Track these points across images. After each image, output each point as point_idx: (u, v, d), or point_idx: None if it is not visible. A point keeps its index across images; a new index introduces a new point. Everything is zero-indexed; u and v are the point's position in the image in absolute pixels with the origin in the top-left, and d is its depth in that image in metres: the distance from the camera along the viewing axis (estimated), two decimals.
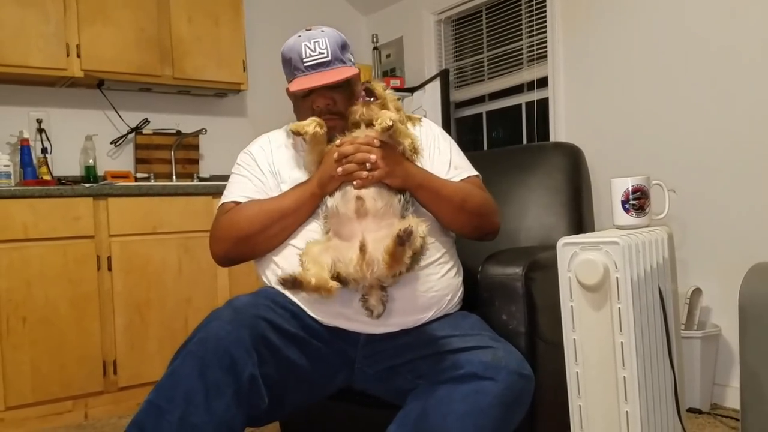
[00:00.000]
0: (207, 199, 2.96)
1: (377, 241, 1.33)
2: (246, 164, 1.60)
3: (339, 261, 1.34)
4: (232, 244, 1.51)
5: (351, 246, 1.34)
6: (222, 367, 1.25)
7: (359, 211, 1.38)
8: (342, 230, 1.40)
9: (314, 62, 1.49)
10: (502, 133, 3.54)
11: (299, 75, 1.50)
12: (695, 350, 2.31)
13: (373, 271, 1.32)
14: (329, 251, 1.36)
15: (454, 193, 1.51)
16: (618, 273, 1.40)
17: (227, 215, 1.53)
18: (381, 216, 1.38)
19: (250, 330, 1.31)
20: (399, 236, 1.26)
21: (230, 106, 3.71)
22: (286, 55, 1.54)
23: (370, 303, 1.39)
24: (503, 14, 3.36)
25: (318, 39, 1.50)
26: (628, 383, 1.40)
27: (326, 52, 1.49)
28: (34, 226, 2.59)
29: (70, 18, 2.96)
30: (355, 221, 1.38)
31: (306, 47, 1.49)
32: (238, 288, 2.93)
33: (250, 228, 1.47)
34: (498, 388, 1.29)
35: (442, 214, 1.52)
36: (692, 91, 2.48)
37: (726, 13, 2.36)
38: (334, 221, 1.41)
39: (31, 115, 3.14)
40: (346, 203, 1.39)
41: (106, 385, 2.73)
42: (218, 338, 1.27)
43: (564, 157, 2.14)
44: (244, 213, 1.50)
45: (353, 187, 1.39)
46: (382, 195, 1.39)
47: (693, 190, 2.43)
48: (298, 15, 3.66)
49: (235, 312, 1.34)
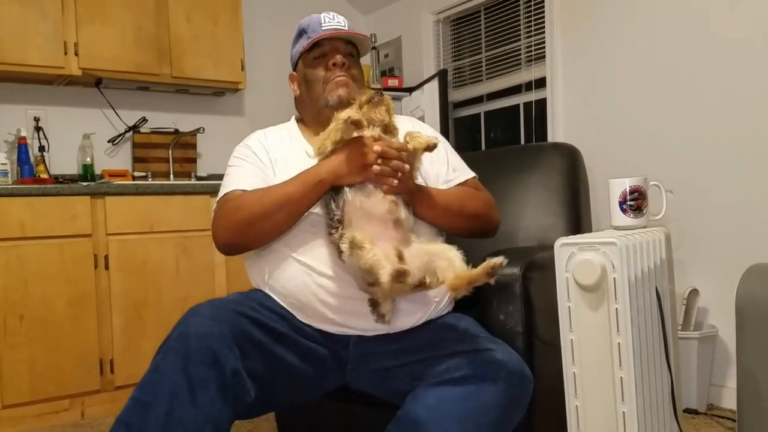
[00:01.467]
0: (205, 198, 2.96)
1: (413, 255, 1.31)
2: (244, 156, 1.58)
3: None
4: (238, 230, 1.45)
5: (384, 247, 1.30)
6: (204, 362, 1.25)
7: (392, 212, 1.35)
8: (366, 227, 1.33)
9: (332, 26, 1.56)
10: (500, 133, 3.54)
11: (315, 35, 1.55)
12: (692, 351, 2.31)
13: (411, 280, 1.29)
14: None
15: (450, 202, 1.51)
16: (615, 273, 1.40)
17: (231, 202, 1.49)
18: (402, 225, 1.36)
19: (231, 325, 1.30)
20: (493, 268, 1.23)
21: (228, 105, 3.70)
22: (303, 25, 1.60)
23: (383, 309, 1.37)
24: (502, 14, 3.36)
25: (337, 14, 1.60)
26: (625, 383, 1.40)
27: (344, 23, 1.58)
28: (32, 224, 2.59)
29: (68, 16, 2.95)
30: (382, 224, 1.34)
31: (325, 16, 1.58)
32: (235, 287, 2.93)
33: (255, 214, 1.42)
34: (497, 390, 1.29)
35: (439, 222, 1.52)
36: (690, 92, 2.48)
37: (726, 12, 2.37)
38: (357, 216, 1.34)
39: (29, 113, 3.14)
40: (374, 202, 1.34)
41: (103, 384, 2.73)
42: (199, 334, 1.27)
43: (562, 157, 2.15)
44: (248, 198, 1.46)
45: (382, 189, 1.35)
46: (399, 204, 1.37)
47: (690, 191, 2.44)
48: (297, 14, 3.62)
49: (215, 308, 1.34)
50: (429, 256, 1.34)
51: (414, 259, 1.31)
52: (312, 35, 1.55)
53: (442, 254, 1.34)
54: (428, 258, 1.33)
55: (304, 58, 1.59)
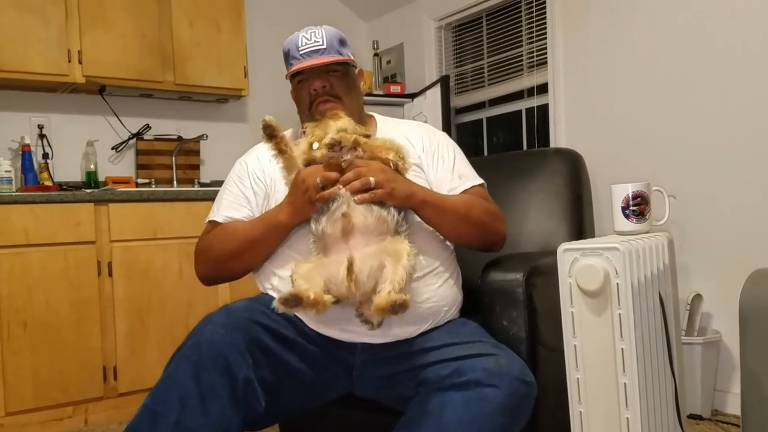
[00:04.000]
0: (207, 205, 2.90)
1: (365, 258, 1.31)
2: (238, 178, 1.62)
3: (330, 281, 1.32)
4: (209, 267, 1.57)
5: (338, 263, 1.32)
6: (217, 370, 1.25)
7: (345, 229, 1.35)
8: (330, 250, 1.37)
9: (309, 50, 1.53)
10: (503, 138, 3.55)
11: (295, 62, 1.54)
12: (696, 356, 2.30)
13: (361, 290, 1.31)
14: (318, 270, 1.34)
15: (457, 208, 1.50)
16: (618, 279, 1.40)
17: (206, 238, 1.59)
18: (370, 232, 1.35)
19: (244, 333, 1.31)
20: (392, 306, 1.24)
21: (231, 111, 3.72)
22: (285, 48, 1.58)
23: (366, 315, 1.36)
24: (503, 21, 3.37)
25: (315, 30, 1.56)
26: (628, 389, 1.40)
27: (322, 41, 1.54)
28: (35, 231, 2.60)
29: (71, 24, 2.97)
30: (341, 240, 1.35)
31: (303, 37, 1.55)
32: (239, 293, 2.91)
33: (225, 254, 1.53)
34: (501, 395, 1.29)
35: (445, 229, 1.51)
36: (692, 97, 2.49)
37: (727, 17, 2.37)
38: (322, 243, 1.37)
39: (33, 120, 3.15)
40: (332, 224, 1.35)
41: (106, 391, 2.73)
42: (212, 342, 1.28)
43: (564, 162, 2.15)
44: (219, 238, 1.54)
45: (354, 201, 1.35)
46: (372, 210, 1.35)
47: (693, 195, 2.44)
48: (300, 21, 3.62)
49: (229, 316, 1.35)
50: (383, 257, 1.32)
51: (365, 264, 1.31)
52: (292, 61, 1.56)
53: (392, 250, 1.33)
54: (380, 259, 1.32)
55: (291, 80, 1.61)
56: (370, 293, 1.31)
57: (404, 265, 1.29)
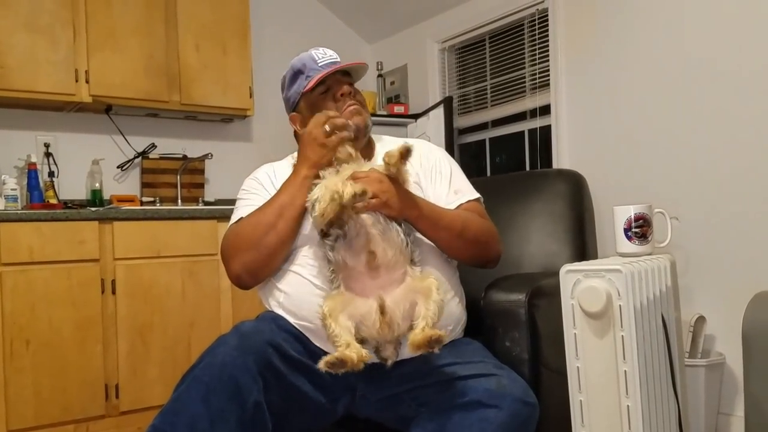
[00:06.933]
0: (212, 223, 2.98)
1: (396, 301, 1.32)
2: (253, 188, 1.62)
3: (362, 324, 1.32)
4: (245, 255, 1.48)
5: (367, 303, 1.32)
6: (227, 394, 1.25)
7: (371, 265, 1.35)
8: (353, 284, 1.36)
9: (328, 61, 1.59)
10: (505, 159, 3.56)
11: (315, 74, 1.57)
12: (699, 379, 2.29)
13: (396, 332, 1.32)
14: (347, 309, 1.33)
15: (453, 222, 1.50)
16: (621, 300, 1.40)
17: (230, 230, 1.55)
18: (393, 266, 1.36)
19: (256, 356, 1.31)
20: (429, 342, 1.24)
21: (236, 131, 3.74)
22: (296, 66, 1.61)
23: (386, 354, 1.37)
24: (506, 43, 3.40)
25: (325, 48, 1.63)
26: (631, 412, 1.40)
27: (335, 55, 1.62)
28: (40, 249, 2.61)
29: (79, 44, 3.00)
30: (366, 276, 1.35)
31: (316, 53, 1.60)
32: (242, 312, 2.93)
33: (257, 231, 1.46)
34: (502, 416, 1.28)
35: (441, 243, 1.51)
36: (695, 119, 2.50)
37: (728, 40, 2.39)
38: (344, 274, 1.37)
39: (39, 139, 3.18)
40: (354, 256, 1.35)
41: (108, 410, 2.72)
42: (224, 364, 1.27)
43: (567, 184, 2.15)
44: (246, 222, 1.51)
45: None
46: (391, 242, 1.35)
47: (696, 217, 2.44)
48: (304, 42, 3.66)
49: (242, 338, 1.34)
50: (413, 296, 1.33)
51: (398, 306, 1.32)
52: (312, 73, 1.57)
53: (421, 287, 1.34)
54: (412, 298, 1.33)
55: (306, 97, 1.60)
56: (405, 333, 1.32)
57: (435, 300, 1.30)
